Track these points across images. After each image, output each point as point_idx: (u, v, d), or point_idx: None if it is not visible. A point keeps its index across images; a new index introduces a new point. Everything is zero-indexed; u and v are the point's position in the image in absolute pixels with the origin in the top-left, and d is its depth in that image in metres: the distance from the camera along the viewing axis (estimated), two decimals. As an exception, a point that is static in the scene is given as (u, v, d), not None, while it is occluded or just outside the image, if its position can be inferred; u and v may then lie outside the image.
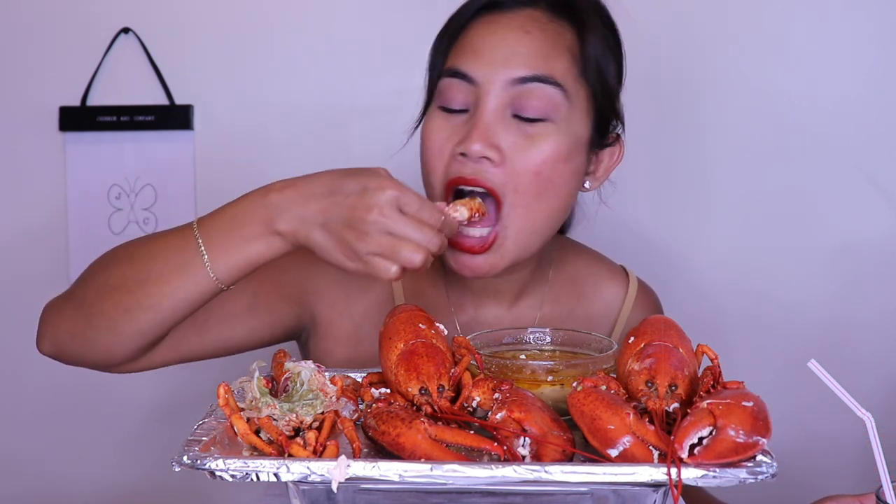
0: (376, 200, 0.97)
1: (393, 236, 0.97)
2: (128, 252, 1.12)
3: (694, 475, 0.81)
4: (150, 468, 1.94)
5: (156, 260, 1.07)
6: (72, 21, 1.89)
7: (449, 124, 1.17)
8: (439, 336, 1.02)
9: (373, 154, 1.87)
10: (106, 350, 1.11)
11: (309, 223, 1.00)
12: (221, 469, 0.83)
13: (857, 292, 1.88)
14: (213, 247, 1.04)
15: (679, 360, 0.94)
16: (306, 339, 1.35)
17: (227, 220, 1.04)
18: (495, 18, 1.19)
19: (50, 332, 1.15)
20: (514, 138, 1.14)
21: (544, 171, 1.15)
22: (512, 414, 0.89)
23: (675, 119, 1.87)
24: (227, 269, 1.04)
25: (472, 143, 1.13)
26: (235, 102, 1.91)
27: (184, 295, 1.06)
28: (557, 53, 1.17)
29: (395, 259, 0.97)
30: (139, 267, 1.07)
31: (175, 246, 1.06)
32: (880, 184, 1.86)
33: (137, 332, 1.08)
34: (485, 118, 1.14)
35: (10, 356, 1.96)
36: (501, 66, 1.15)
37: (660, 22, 1.85)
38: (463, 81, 1.16)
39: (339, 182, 1.00)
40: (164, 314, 1.07)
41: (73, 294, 1.14)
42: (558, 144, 1.15)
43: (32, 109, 1.91)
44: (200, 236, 1.04)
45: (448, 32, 1.23)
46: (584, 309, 1.36)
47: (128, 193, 1.92)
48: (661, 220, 1.90)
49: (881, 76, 1.85)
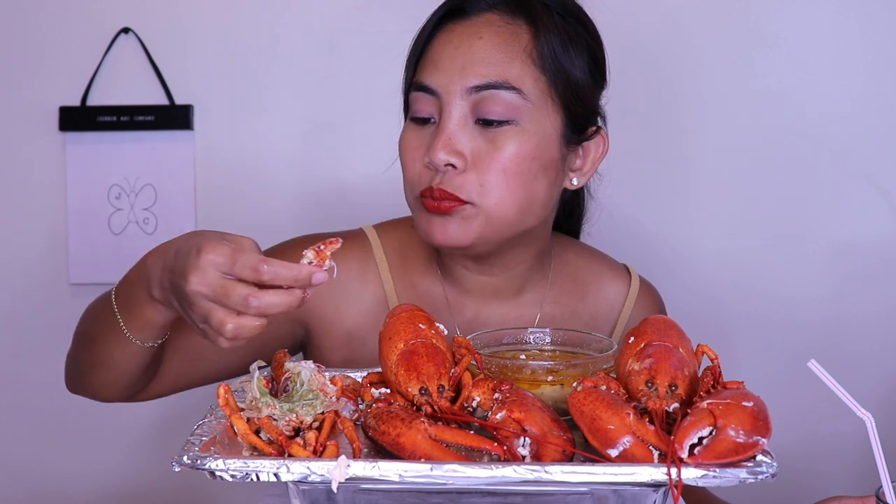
0: (193, 266, 0.92)
1: (210, 304, 0.92)
2: (88, 310, 1.21)
3: (694, 475, 0.81)
4: (150, 468, 1.94)
5: (95, 321, 1.16)
6: (72, 21, 1.89)
7: (418, 136, 1.21)
8: (439, 336, 1.02)
9: (373, 154, 1.88)
10: (100, 393, 1.21)
11: (166, 291, 0.99)
12: (221, 469, 0.83)
13: (857, 292, 1.88)
14: (121, 310, 1.09)
15: (679, 360, 0.94)
16: (302, 349, 1.36)
17: (127, 285, 1.09)
18: (453, 27, 1.21)
19: (69, 378, 1.28)
20: (477, 143, 1.17)
21: (510, 168, 1.17)
22: (512, 414, 0.89)
23: (675, 118, 1.87)
24: (138, 330, 1.08)
25: (436, 153, 1.16)
26: (235, 102, 1.91)
27: (120, 355, 1.12)
28: (512, 56, 1.18)
29: (213, 329, 0.93)
30: (88, 327, 1.18)
31: (106, 308, 1.11)
32: (880, 183, 1.86)
33: (108, 382, 1.17)
34: (447, 127, 1.17)
35: (11, 356, 1.96)
36: (458, 76, 1.17)
37: (658, 19, 1.85)
38: (427, 94, 1.19)
39: (184, 245, 0.95)
40: (115, 371, 1.15)
41: (73, 340, 1.24)
42: (522, 144, 1.17)
43: (32, 109, 1.91)
44: (115, 300, 1.10)
45: (416, 46, 1.26)
46: (586, 308, 1.36)
47: (128, 193, 1.92)
48: (660, 220, 1.89)
49: (881, 76, 1.85)
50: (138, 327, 1.07)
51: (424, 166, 1.19)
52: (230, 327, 0.91)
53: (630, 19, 1.81)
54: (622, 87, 1.34)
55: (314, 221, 1.78)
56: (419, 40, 1.25)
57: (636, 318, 1.36)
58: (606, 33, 1.28)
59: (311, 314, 1.30)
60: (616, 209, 1.64)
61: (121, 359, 1.12)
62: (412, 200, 1.23)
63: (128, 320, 1.08)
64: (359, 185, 1.90)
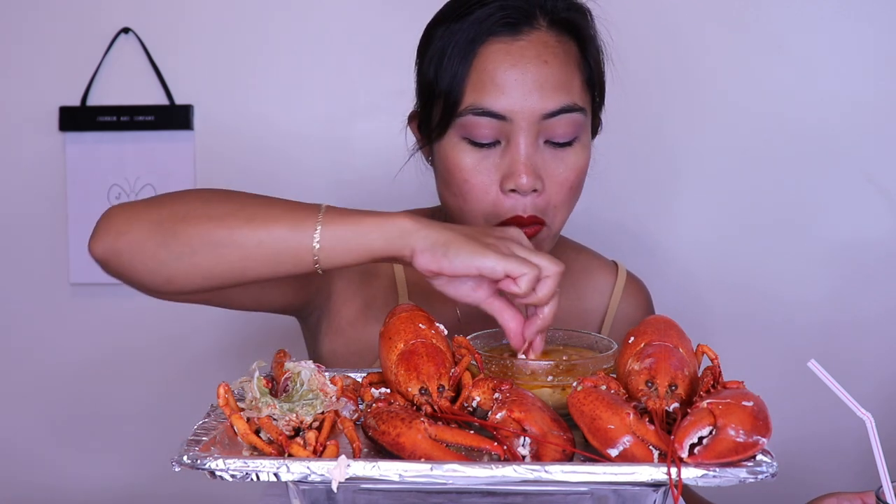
0: (509, 232, 1.06)
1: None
2: (240, 195, 1.11)
3: (694, 475, 0.81)
4: (150, 468, 1.94)
5: (273, 207, 1.06)
6: (72, 21, 1.89)
7: (485, 158, 1.19)
8: (439, 336, 1.02)
9: (373, 154, 1.88)
10: (168, 277, 1.07)
11: (451, 230, 1.03)
12: (221, 469, 0.83)
13: (857, 292, 1.88)
14: (329, 213, 1.04)
15: (679, 360, 0.94)
16: (318, 317, 1.34)
17: (357, 212, 1.05)
18: (508, 47, 1.18)
19: (112, 236, 1.07)
20: (550, 165, 1.19)
21: (577, 183, 1.22)
22: (512, 414, 0.89)
23: (674, 117, 1.87)
24: (331, 237, 1.02)
25: (522, 178, 1.16)
26: (235, 102, 1.91)
27: (281, 246, 1.03)
28: (572, 77, 1.20)
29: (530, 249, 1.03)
30: (251, 208, 1.06)
31: (297, 207, 1.06)
32: (880, 183, 1.86)
33: (211, 271, 1.05)
34: (525, 152, 1.17)
35: (11, 356, 1.96)
36: (531, 103, 1.17)
37: (655, 17, 1.85)
38: (493, 119, 1.18)
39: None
40: (247, 262, 1.04)
41: (154, 208, 1.08)
42: (585, 158, 1.22)
43: (32, 109, 1.91)
44: (324, 210, 1.04)
45: (455, 55, 1.20)
46: (576, 304, 1.38)
47: (128, 193, 1.92)
48: (660, 221, 1.90)
49: (881, 76, 1.85)
50: (337, 236, 1.02)
51: (501, 193, 1.19)
52: (532, 273, 0.99)
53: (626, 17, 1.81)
54: (621, 87, 1.34)
55: (314, 221, 1.78)
56: (459, 51, 1.19)
57: (623, 310, 1.40)
58: (600, 29, 1.28)
59: (342, 273, 1.30)
60: (612, 210, 1.65)
61: (275, 251, 1.03)
62: (481, 223, 1.22)
63: (329, 222, 1.03)
64: (359, 184, 1.90)
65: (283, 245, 1.04)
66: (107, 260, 1.08)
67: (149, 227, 1.06)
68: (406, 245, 1.02)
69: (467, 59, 1.19)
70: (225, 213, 1.06)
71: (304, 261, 1.04)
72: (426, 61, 1.23)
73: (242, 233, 1.04)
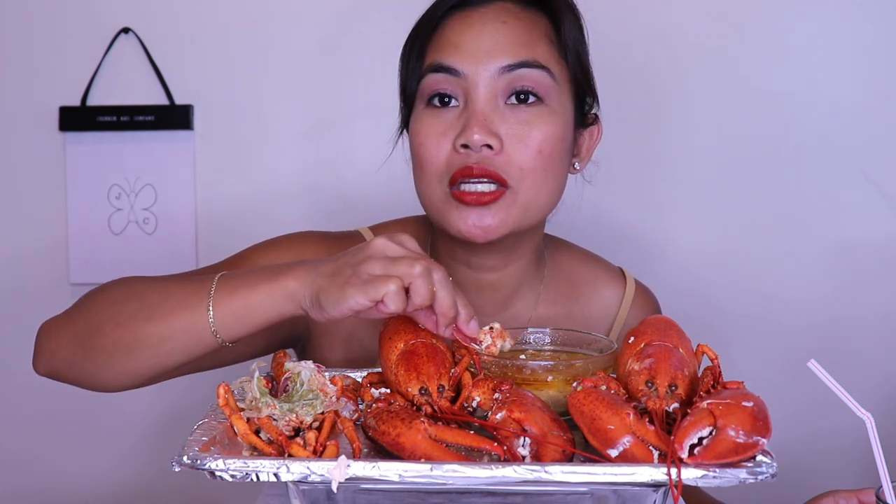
0: (370, 249, 0.98)
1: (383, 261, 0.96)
2: (142, 286, 1.10)
3: (694, 475, 0.81)
4: (150, 468, 1.94)
5: (169, 298, 1.05)
6: (72, 21, 1.89)
7: (441, 120, 1.18)
8: (439, 336, 1.02)
9: (373, 153, 1.88)
10: (104, 383, 1.11)
11: (320, 275, 0.98)
12: (221, 469, 0.83)
13: (857, 292, 1.88)
14: (220, 290, 1.02)
15: (679, 360, 0.94)
16: (303, 347, 1.35)
17: (243, 273, 1.04)
18: (468, 14, 1.20)
19: (47, 355, 1.14)
20: (510, 125, 1.16)
21: (545, 149, 1.17)
22: (512, 414, 0.89)
23: (673, 117, 1.87)
24: (224, 315, 1.01)
25: (473, 133, 1.13)
26: (235, 102, 1.91)
27: (182, 337, 1.03)
28: (536, 39, 1.19)
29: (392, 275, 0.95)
30: (149, 304, 1.06)
31: (191, 290, 1.04)
32: (879, 184, 1.86)
33: (135, 371, 1.07)
34: (480, 108, 1.15)
35: (11, 356, 1.96)
36: (486, 57, 1.16)
37: (655, 18, 1.85)
38: (449, 76, 1.17)
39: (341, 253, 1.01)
40: (160, 358, 1.05)
41: (73, 321, 1.12)
42: (553, 124, 1.17)
43: (32, 109, 1.91)
44: (216, 282, 1.03)
45: (419, 35, 1.23)
46: (580, 310, 1.36)
47: (128, 193, 1.92)
48: (660, 222, 1.90)
49: (881, 76, 1.85)
50: (230, 310, 1.01)
51: (453, 151, 1.15)
52: (392, 288, 0.92)
53: (626, 17, 1.81)
54: (617, 86, 1.34)
55: (314, 221, 1.78)
56: (423, 30, 1.22)
57: (632, 321, 1.36)
58: (595, 27, 1.28)
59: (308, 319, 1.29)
60: (610, 211, 1.65)
61: (182, 343, 1.03)
62: (440, 195, 1.18)
63: (220, 299, 1.01)
64: (359, 184, 1.90)
65: (184, 336, 1.03)
66: (52, 377, 1.15)
67: (71, 343, 1.11)
68: (296, 307, 0.99)
69: (431, 33, 1.21)
70: (128, 315, 1.06)
71: (211, 343, 1.03)
72: (403, 53, 1.25)
73: (147, 332, 1.04)
